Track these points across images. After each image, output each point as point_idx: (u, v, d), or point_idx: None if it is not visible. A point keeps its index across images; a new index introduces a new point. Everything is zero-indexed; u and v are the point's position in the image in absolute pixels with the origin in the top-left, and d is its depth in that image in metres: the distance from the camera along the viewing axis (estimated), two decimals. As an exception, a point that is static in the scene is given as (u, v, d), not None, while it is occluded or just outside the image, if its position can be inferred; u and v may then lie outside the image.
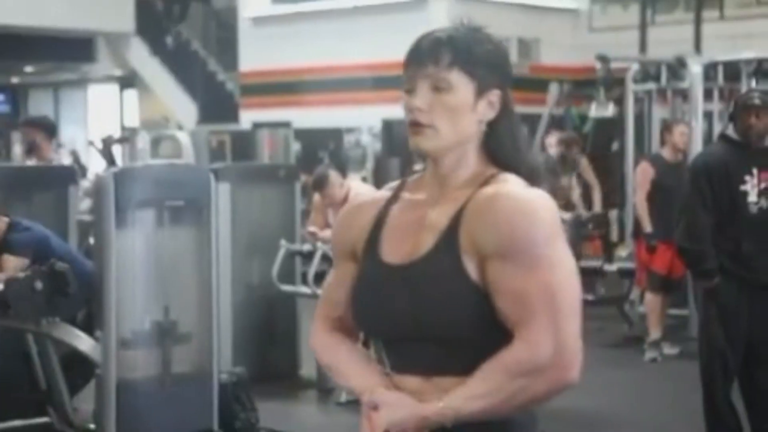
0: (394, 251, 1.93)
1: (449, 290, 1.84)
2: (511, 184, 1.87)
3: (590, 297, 8.04)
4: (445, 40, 1.91)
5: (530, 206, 1.81)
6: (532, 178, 1.91)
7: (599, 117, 9.87)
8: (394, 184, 2.05)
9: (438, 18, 13.98)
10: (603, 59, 9.55)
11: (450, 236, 1.86)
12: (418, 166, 2.03)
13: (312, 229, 7.14)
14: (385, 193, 2.03)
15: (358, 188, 7.24)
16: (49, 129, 7.30)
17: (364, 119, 14.45)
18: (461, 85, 1.89)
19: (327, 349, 2.05)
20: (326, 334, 2.05)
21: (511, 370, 1.79)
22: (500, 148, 1.93)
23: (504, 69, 1.96)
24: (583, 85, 11.34)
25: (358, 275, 1.98)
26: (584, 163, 9.49)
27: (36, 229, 5.62)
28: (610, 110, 9.77)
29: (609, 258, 8.78)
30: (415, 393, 1.88)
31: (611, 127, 9.97)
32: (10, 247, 5.47)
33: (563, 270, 1.82)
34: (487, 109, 1.91)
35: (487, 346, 1.84)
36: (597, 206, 9.34)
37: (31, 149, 7.27)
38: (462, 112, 1.89)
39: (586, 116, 10.91)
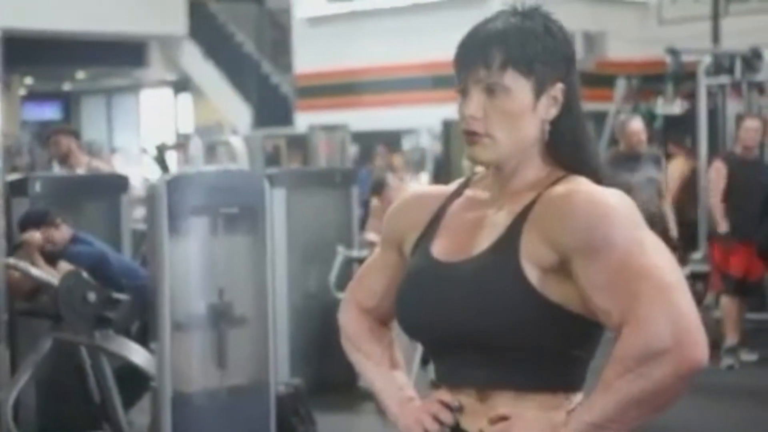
0: (446, 249, 1.85)
1: (502, 290, 1.74)
2: (582, 184, 1.79)
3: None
4: (496, 38, 1.79)
5: (606, 201, 1.73)
6: (596, 177, 1.82)
7: (668, 113, 9.76)
8: (461, 180, 1.98)
9: (499, 13, 13.93)
10: (673, 52, 9.44)
11: (510, 237, 1.78)
12: (479, 168, 1.97)
13: (371, 236, 7.15)
14: (449, 188, 1.95)
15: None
16: (78, 135, 7.59)
17: (423, 120, 14.44)
18: (517, 87, 1.78)
19: (354, 337, 2.02)
20: (357, 318, 2.02)
21: (628, 363, 1.65)
22: (563, 147, 1.83)
23: (565, 59, 1.84)
24: (652, 80, 11.21)
25: (406, 271, 1.91)
26: None
27: (96, 245, 5.73)
28: (677, 106, 9.65)
29: (682, 260, 8.67)
30: (468, 412, 1.81)
31: (683, 124, 9.85)
32: (68, 257, 5.57)
33: (657, 250, 1.71)
34: (549, 106, 1.81)
35: (542, 363, 1.76)
36: None
37: (66, 157, 7.34)
38: (521, 115, 1.79)
39: (654, 113, 10.80)
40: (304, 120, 16.77)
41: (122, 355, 5.33)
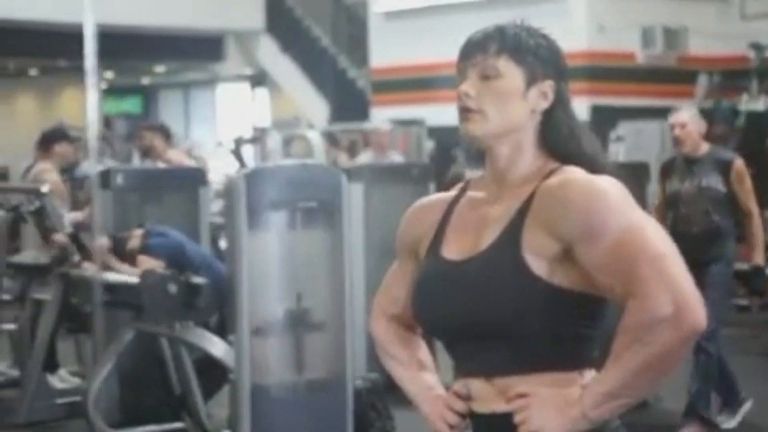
0: (455, 248, 1.99)
1: (508, 284, 1.88)
2: (575, 173, 1.92)
3: (745, 302, 7.83)
4: (494, 32, 1.99)
5: (598, 188, 1.87)
6: (592, 166, 1.95)
7: (752, 110, 9.62)
8: (461, 184, 2.12)
9: (577, 10, 13.84)
10: (757, 47, 9.31)
11: (512, 231, 1.91)
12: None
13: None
14: (451, 193, 2.10)
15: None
16: (165, 133, 7.93)
17: (500, 115, 14.36)
18: (510, 72, 1.96)
19: (384, 344, 2.18)
20: (385, 327, 2.18)
21: (635, 333, 1.78)
22: (558, 137, 1.97)
23: (557, 63, 2.00)
24: (734, 76, 11.07)
25: (419, 273, 2.04)
26: None
27: (172, 235, 5.81)
28: (762, 103, 9.52)
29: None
30: (479, 397, 1.95)
31: (767, 121, 9.70)
32: (146, 251, 5.67)
33: (649, 226, 1.84)
34: (539, 98, 1.96)
35: (551, 345, 1.89)
36: None
37: (147, 152, 7.84)
38: (511, 98, 1.95)
39: (738, 110, 10.66)
40: (380, 115, 16.81)
41: (202, 346, 5.41)
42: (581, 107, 13.22)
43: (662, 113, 12.91)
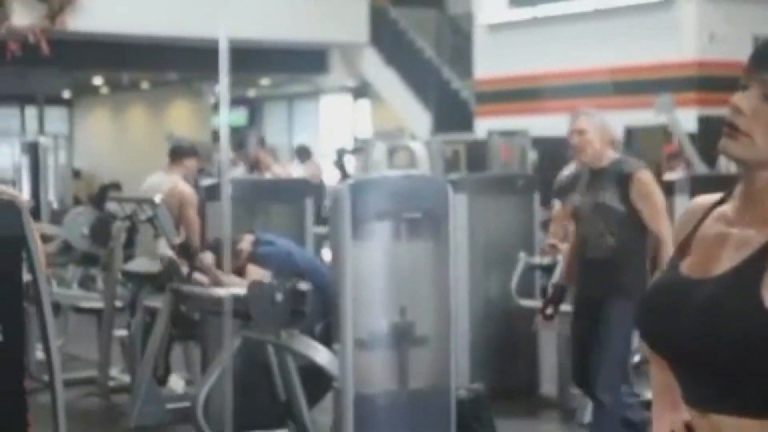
0: (692, 264, 1.83)
1: (738, 317, 1.70)
2: None
3: None
4: None
5: None
6: None
7: None
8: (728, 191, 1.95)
9: (686, 20, 13.65)
10: None
11: (756, 263, 1.72)
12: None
13: (552, 241, 7.13)
14: (714, 198, 1.91)
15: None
16: (262, 141, 8.16)
17: (605, 126, 14.25)
18: None
19: (651, 367, 2.02)
20: None
21: None
22: None
23: None
24: None
25: (653, 282, 1.91)
26: None
27: (280, 243, 5.92)
28: None
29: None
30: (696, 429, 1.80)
31: None
32: (255, 260, 5.79)
33: None
34: None
35: None
36: None
37: (255, 163, 8.09)
38: None
39: None
40: (483, 125, 16.81)
41: (307, 354, 5.48)
42: (689, 118, 13.04)
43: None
